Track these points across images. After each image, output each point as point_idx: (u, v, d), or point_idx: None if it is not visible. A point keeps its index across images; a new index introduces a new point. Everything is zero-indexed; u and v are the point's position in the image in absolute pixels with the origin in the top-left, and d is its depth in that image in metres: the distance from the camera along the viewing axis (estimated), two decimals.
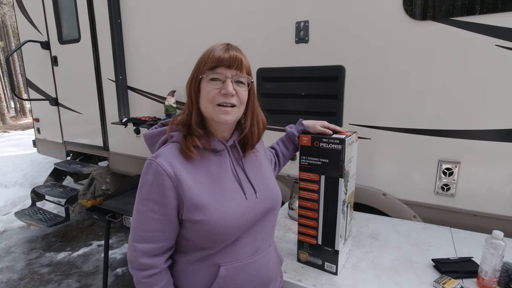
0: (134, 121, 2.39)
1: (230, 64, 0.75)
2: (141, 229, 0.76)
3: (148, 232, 0.75)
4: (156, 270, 0.77)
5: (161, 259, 0.78)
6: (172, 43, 2.29)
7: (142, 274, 0.76)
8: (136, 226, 0.77)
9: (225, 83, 0.75)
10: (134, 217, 0.77)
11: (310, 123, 1.10)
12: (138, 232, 0.76)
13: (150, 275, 0.76)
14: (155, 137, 0.85)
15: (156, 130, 0.86)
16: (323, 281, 1.06)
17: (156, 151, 0.80)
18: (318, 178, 1.05)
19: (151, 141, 0.86)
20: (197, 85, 0.78)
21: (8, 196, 3.95)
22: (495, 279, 0.97)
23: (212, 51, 0.76)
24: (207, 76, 0.76)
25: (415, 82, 1.47)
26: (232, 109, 0.77)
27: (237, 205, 0.79)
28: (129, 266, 0.79)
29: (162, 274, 0.78)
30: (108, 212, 2.06)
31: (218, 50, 0.76)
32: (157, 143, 0.84)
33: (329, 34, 1.65)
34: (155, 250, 0.76)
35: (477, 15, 1.30)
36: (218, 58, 0.75)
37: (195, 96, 0.79)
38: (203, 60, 0.77)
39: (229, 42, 0.79)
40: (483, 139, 1.37)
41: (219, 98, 0.75)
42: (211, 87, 0.76)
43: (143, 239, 0.76)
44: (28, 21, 3.35)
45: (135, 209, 0.77)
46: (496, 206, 1.38)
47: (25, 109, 14.96)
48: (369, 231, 1.42)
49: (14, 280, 2.49)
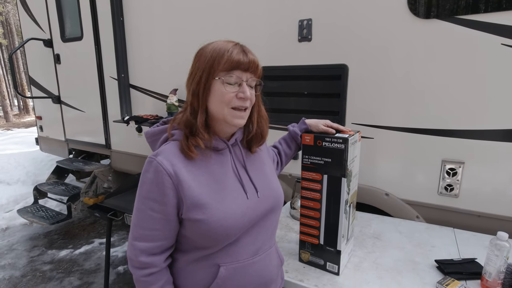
0: (136, 119, 2.39)
1: (248, 68, 0.75)
2: (140, 227, 0.76)
3: (147, 231, 0.75)
4: (156, 269, 0.76)
5: (161, 257, 0.77)
6: (175, 41, 2.28)
7: (141, 272, 0.76)
8: (136, 224, 0.76)
9: (241, 86, 0.75)
10: (134, 215, 0.77)
11: (313, 122, 1.09)
12: (137, 230, 0.76)
13: (149, 274, 0.76)
14: (157, 135, 0.85)
15: (157, 128, 0.85)
16: (325, 281, 1.05)
17: (157, 149, 0.80)
18: (320, 178, 1.04)
19: (152, 139, 0.86)
20: (208, 85, 0.76)
21: (11, 194, 3.97)
22: (499, 281, 0.96)
23: (227, 52, 0.73)
24: (224, 78, 0.74)
25: (419, 81, 1.46)
26: (245, 112, 0.78)
27: (238, 205, 0.78)
28: (129, 264, 0.78)
29: (161, 273, 0.78)
30: (110, 210, 2.06)
31: (235, 53, 0.74)
32: (158, 141, 0.83)
33: (332, 33, 1.64)
34: (154, 249, 0.76)
35: (482, 13, 1.28)
36: (238, 61, 0.73)
37: (203, 95, 0.76)
38: (216, 60, 0.74)
39: (237, 42, 0.78)
40: (488, 139, 1.35)
41: (236, 101, 0.75)
42: (228, 90, 0.74)
43: (142, 238, 0.75)
44: (31, 19, 3.36)
45: (135, 207, 0.77)
46: (500, 206, 1.37)
47: (28, 107, 15.04)
48: (371, 231, 1.41)
49: (16, 277, 2.50)
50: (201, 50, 0.78)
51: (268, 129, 0.90)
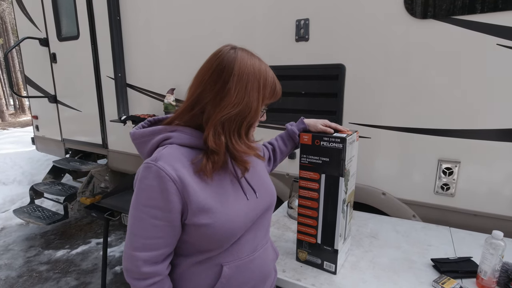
0: (133, 119, 2.38)
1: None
2: (141, 237, 0.71)
3: (149, 240, 0.71)
4: (159, 277, 0.74)
5: (163, 265, 0.75)
6: (172, 40, 2.27)
7: (144, 283, 0.72)
8: (135, 234, 0.72)
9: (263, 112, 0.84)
10: (132, 225, 0.72)
11: (311, 122, 1.09)
12: (138, 240, 0.71)
13: (153, 283, 0.73)
14: (147, 136, 0.78)
15: (148, 129, 0.78)
16: (322, 281, 1.06)
17: (147, 152, 0.77)
18: (318, 177, 1.04)
19: (141, 140, 0.79)
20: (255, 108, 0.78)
21: (7, 194, 3.94)
22: (494, 279, 0.97)
23: (275, 83, 0.84)
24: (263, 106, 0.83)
25: (416, 81, 1.47)
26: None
27: (241, 206, 0.78)
28: (127, 275, 0.73)
29: (164, 281, 0.75)
30: (107, 210, 2.06)
31: (278, 86, 0.85)
32: (148, 143, 0.78)
33: (330, 33, 1.64)
34: (157, 257, 0.73)
35: (478, 14, 1.29)
36: (279, 95, 0.86)
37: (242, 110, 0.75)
38: (267, 86, 0.82)
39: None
40: (484, 138, 1.36)
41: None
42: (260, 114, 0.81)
43: (144, 247, 0.71)
44: (26, 18, 3.34)
45: (133, 216, 0.72)
46: (496, 206, 1.38)
47: (24, 106, 14.93)
48: (368, 231, 1.41)
49: (12, 277, 2.48)
50: (238, 66, 0.75)
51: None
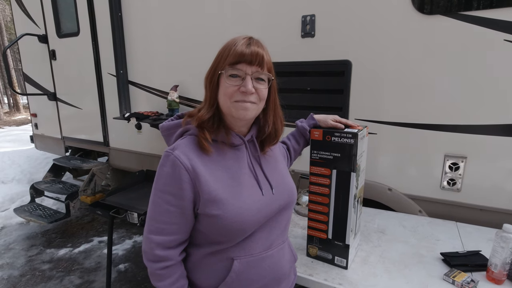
0: (136, 116, 2.36)
1: (251, 60, 0.73)
2: (156, 221, 0.76)
3: (163, 224, 0.75)
4: (171, 262, 0.77)
5: (176, 251, 0.78)
6: (175, 37, 2.26)
7: (156, 265, 0.76)
8: (152, 217, 0.76)
9: (244, 80, 0.74)
10: (150, 209, 0.77)
11: (321, 117, 1.09)
12: (153, 223, 0.76)
13: (164, 267, 0.76)
14: (172, 129, 0.84)
15: (173, 122, 0.85)
16: (333, 275, 1.06)
17: (172, 143, 0.80)
18: (329, 173, 1.04)
19: (167, 133, 0.86)
20: (216, 80, 0.77)
21: (6, 192, 3.91)
22: (505, 272, 0.98)
23: (233, 45, 0.74)
24: (227, 72, 0.74)
25: (422, 77, 1.47)
26: (252, 105, 0.76)
27: (254, 201, 0.78)
28: (144, 257, 0.79)
29: (176, 267, 0.78)
30: (111, 208, 2.05)
31: (240, 45, 0.73)
32: (173, 135, 0.83)
33: (336, 29, 1.64)
34: (170, 242, 0.76)
35: (487, 9, 1.29)
36: (240, 53, 0.72)
37: (213, 90, 0.77)
38: (223, 54, 0.75)
39: (251, 36, 0.77)
40: (490, 134, 1.37)
41: (238, 95, 0.74)
42: (230, 84, 0.74)
43: (158, 231, 0.75)
44: (24, 14, 3.29)
45: (151, 201, 0.77)
46: (502, 200, 1.40)
47: (18, 104, 14.74)
48: (375, 226, 1.42)
49: (15, 276, 2.47)
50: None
51: (283, 129, 0.89)
